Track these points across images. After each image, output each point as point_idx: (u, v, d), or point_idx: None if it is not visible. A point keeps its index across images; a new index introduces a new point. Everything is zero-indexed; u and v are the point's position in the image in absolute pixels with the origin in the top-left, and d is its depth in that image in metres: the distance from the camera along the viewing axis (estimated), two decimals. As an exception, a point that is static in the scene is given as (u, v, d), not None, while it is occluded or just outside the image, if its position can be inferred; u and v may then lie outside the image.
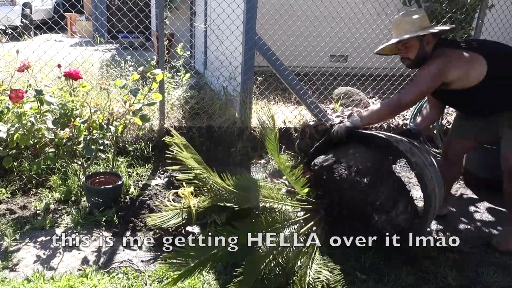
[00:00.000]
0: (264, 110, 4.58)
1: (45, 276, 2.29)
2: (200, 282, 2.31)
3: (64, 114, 2.96)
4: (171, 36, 6.45)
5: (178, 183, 3.46)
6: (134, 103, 3.05)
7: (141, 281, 2.31)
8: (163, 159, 3.78)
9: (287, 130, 4.18)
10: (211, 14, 5.19)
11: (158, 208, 2.96)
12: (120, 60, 4.96)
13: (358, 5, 5.07)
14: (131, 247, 2.61)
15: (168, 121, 4.04)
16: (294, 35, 4.87)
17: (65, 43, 6.62)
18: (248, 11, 3.74)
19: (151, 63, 3.20)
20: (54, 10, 10.10)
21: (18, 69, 3.02)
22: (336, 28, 5.04)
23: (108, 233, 2.73)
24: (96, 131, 2.99)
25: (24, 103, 2.87)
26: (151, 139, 3.86)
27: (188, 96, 4.40)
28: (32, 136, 2.84)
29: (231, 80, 4.35)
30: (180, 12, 6.36)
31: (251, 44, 3.86)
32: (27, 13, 10.03)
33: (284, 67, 4.17)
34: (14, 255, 2.46)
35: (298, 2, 5.02)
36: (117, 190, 3.04)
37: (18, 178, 3.26)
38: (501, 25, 5.31)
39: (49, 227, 2.74)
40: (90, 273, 2.32)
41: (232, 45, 4.19)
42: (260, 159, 3.99)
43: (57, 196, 3.06)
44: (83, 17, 10.11)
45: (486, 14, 4.96)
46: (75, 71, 2.94)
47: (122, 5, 8.48)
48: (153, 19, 7.70)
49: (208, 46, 6.00)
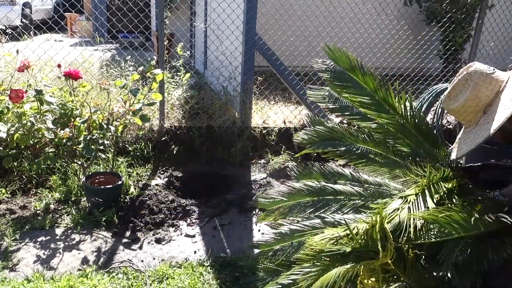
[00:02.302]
0: (264, 110, 4.59)
1: (45, 276, 2.29)
2: (200, 282, 2.31)
3: (64, 114, 2.95)
4: (171, 36, 6.44)
5: (178, 183, 3.48)
6: (134, 103, 3.05)
7: (141, 281, 2.31)
8: (163, 159, 3.79)
9: (287, 130, 4.18)
10: (211, 14, 5.19)
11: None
12: (120, 60, 4.96)
13: (358, 5, 5.07)
14: (131, 247, 2.61)
15: (168, 121, 4.04)
16: (294, 35, 4.86)
17: (65, 43, 6.62)
18: (248, 11, 3.74)
19: (151, 63, 3.19)
20: (54, 10, 10.08)
21: (18, 69, 3.02)
22: (336, 28, 5.04)
23: (108, 233, 2.73)
24: (96, 131, 2.99)
25: (24, 103, 2.87)
26: (151, 139, 3.86)
27: (188, 96, 4.40)
28: (32, 136, 2.84)
29: (231, 80, 4.35)
30: (180, 12, 6.36)
31: (251, 44, 3.86)
32: (27, 13, 10.03)
33: (284, 67, 4.17)
34: (14, 255, 2.46)
35: (298, 2, 5.02)
36: (117, 190, 3.04)
37: (18, 178, 3.26)
38: (501, 25, 5.31)
39: (49, 227, 2.74)
40: (90, 273, 2.32)
41: (232, 45, 4.19)
42: (260, 159, 3.99)
43: (57, 196, 3.06)
44: (83, 17, 10.10)
45: (486, 14, 4.96)
46: (75, 71, 2.95)
47: (122, 5, 8.47)
48: (153, 19, 7.70)
49: (208, 46, 6.00)
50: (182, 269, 2.43)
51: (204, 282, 2.32)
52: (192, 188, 3.45)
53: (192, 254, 2.60)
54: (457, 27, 5.96)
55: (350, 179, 2.09)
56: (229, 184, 3.56)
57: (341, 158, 2.15)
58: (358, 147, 2.11)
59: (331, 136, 2.18)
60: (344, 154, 2.13)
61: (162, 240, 2.71)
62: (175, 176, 3.57)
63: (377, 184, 2.04)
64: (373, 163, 2.08)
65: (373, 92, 2.03)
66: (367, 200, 1.95)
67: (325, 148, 2.16)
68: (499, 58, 5.65)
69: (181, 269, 2.43)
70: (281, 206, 2.10)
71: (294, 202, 2.07)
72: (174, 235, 2.78)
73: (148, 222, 2.86)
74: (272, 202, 2.11)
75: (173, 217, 2.96)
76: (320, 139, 2.20)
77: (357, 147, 2.11)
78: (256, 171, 3.82)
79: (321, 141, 2.19)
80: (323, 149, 2.16)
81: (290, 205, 2.07)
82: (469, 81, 1.67)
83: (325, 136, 2.19)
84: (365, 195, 1.98)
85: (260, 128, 4.14)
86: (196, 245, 2.69)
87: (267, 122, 4.33)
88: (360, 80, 2.04)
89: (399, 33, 5.23)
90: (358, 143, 2.12)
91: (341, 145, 2.15)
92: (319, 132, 2.19)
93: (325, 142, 2.18)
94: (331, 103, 2.20)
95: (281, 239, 1.93)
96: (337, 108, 2.19)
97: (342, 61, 2.07)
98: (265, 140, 4.09)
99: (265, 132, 4.12)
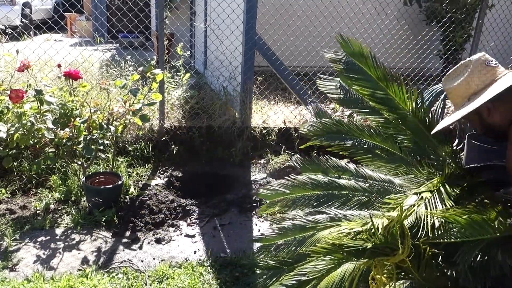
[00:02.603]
0: (264, 110, 4.59)
1: (45, 276, 2.29)
2: (200, 282, 2.31)
3: (64, 114, 2.95)
4: (171, 36, 6.44)
5: (178, 183, 3.47)
6: (134, 103, 3.05)
7: (141, 281, 2.31)
8: (163, 159, 3.78)
9: (287, 130, 4.18)
10: (211, 14, 5.19)
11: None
12: (120, 60, 4.96)
13: (358, 5, 5.07)
14: (131, 247, 2.61)
15: (168, 121, 4.04)
16: (294, 35, 4.86)
17: (65, 43, 6.61)
18: (248, 11, 3.74)
19: (151, 63, 3.19)
20: (54, 10, 10.08)
21: (18, 69, 3.02)
22: (336, 28, 5.04)
23: (108, 233, 2.73)
24: (96, 131, 2.98)
25: (24, 103, 2.87)
26: (151, 139, 3.86)
27: (188, 96, 4.40)
28: (32, 136, 2.84)
29: (231, 80, 4.35)
30: (180, 12, 6.36)
31: (251, 44, 3.86)
32: (27, 13, 10.03)
33: (284, 67, 4.17)
34: (14, 255, 2.46)
35: (298, 2, 5.02)
36: (117, 190, 3.03)
37: (18, 178, 3.26)
38: (501, 25, 5.31)
39: (49, 227, 2.74)
40: (90, 273, 2.32)
41: (232, 45, 4.19)
42: (260, 159, 3.99)
43: (57, 196, 3.06)
44: (83, 17, 10.10)
45: (486, 14, 4.95)
46: (75, 71, 2.94)
47: (122, 5, 8.47)
48: (153, 19, 7.70)
49: (208, 46, 6.00)
50: (182, 269, 2.43)
51: (204, 282, 2.32)
52: (192, 188, 3.45)
53: (192, 254, 2.60)
54: (457, 27, 5.96)
55: (354, 174, 2.06)
56: (229, 184, 3.56)
57: (346, 152, 2.12)
58: (364, 141, 2.09)
59: (337, 129, 2.14)
60: (351, 148, 2.10)
61: (162, 240, 2.71)
62: (175, 176, 3.57)
63: (382, 180, 2.01)
64: (379, 159, 2.05)
65: (384, 86, 2.00)
66: (371, 196, 1.93)
67: (331, 141, 2.12)
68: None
69: (181, 269, 2.43)
70: (284, 198, 2.06)
71: (297, 195, 2.04)
72: (174, 235, 2.78)
73: (148, 222, 2.86)
74: (275, 194, 2.08)
75: (173, 217, 2.96)
76: (326, 131, 2.16)
77: (363, 142, 2.08)
78: (256, 171, 3.82)
79: (327, 134, 2.15)
80: (329, 141, 2.12)
81: (293, 198, 2.04)
82: (468, 67, 1.71)
83: (331, 129, 2.15)
84: (370, 191, 1.95)
85: (260, 128, 4.14)
86: (196, 245, 2.69)
87: (267, 122, 4.33)
88: (372, 73, 2.01)
89: (399, 33, 5.23)
90: (365, 137, 2.09)
91: (347, 139, 2.11)
92: (325, 124, 2.16)
93: (330, 135, 2.15)
94: (342, 95, 2.16)
95: (284, 234, 1.91)
96: (347, 100, 2.16)
97: (354, 52, 2.03)
98: (265, 140, 4.09)
99: (265, 132, 4.12)
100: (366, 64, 2.03)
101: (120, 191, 3.08)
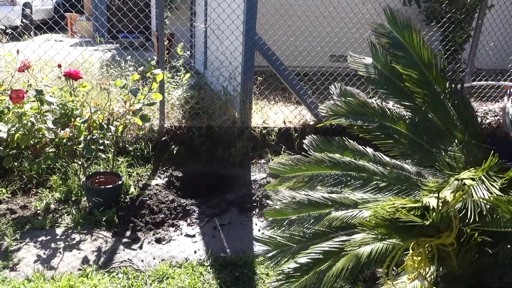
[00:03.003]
0: (264, 110, 4.59)
1: (46, 276, 2.29)
2: (200, 282, 2.32)
3: (64, 114, 2.96)
4: (171, 36, 6.45)
5: (178, 183, 3.48)
6: (134, 103, 3.05)
7: (141, 281, 2.31)
8: (163, 159, 3.79)
9: (287, 130, 4.19)
10: (211, 14, 5.19)
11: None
12: (120, 60, 4.96)
13: (358, 5, 5.07)
14: (131, 247, 2.62)
15: (168, 121, 4.05)
16: (294, 35, 4.87)
17: (65, 43, 6.62)
18: (248, 11, 3.75)
19: (151, 63, 3.20)
20: (54, 10, 10.08)
21: (19, 69, 3.02)
22: (336, 28, 5.04)
23: (108, 233, 2.74)
24: (96, 131, 2.99)
25: (25, 103, 2.88)
26: (151, 139, 3.87)
27: (188, 96, 4.40)
28: (32, 136, 2.84)
29: (231, 80, 4.35)
30: (180, 12, 6.36)
31: (251, 44, 3.86)
32: (28, 13, 10.03)
33: (284, 67, 4.18)
34: (14, 254, 2.46)
35: (298, 2, 5.02)
36: (117, 190, 3.04)
37: (18, 178, 3.26)
38: (500, 25, 5.31)
39: (49, 227, 2.75)
40: (90, 273, 2.32)
41: (232, 45, 4.19)
42: (260, 159, 4.00)
43: (57, 196, 3.07)
44: (83, 17, 10.10)
45: (486, 14, 4.96)
46: (75, 71, 2.95)
47: (122, 5, 8.48)
48: (153, 19, 7.69)
49: (208, 46, 6.00)
50: (182, 268, 2.43)
51: (204, 282, 2.32)
52: (192, 188, 3.45)
53: (192, 254, 2.61)
54: (457, 27, 5.96)
55: (372, 159, 1.99)
56: (229, 184, 3.56)
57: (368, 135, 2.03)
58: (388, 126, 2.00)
59: (361, 110, 2.05)
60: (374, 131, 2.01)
61: (162, 240, 2.72)
62: (175, 176, 3.57)
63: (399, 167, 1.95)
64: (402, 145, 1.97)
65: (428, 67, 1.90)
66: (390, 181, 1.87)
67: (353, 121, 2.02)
68: (498, 58, 5.66)
69: (181, 268, 2.43)
70: (299, 174, 1.96)
71: (314, 173, 1.95)
72: (174, 235, 2.79)
73: (148, 222, 2.86)
74: (290, 169, 1.98)
75: (173, 217, 2.96)
76: (349, 111, 2.06)
77: (387, 126, 2.00)
78: (256, 171, 3.82)
79: (349, 114, 2.06)
80: (351, 121, 2.03)
81: (309, 174, 1.96)
82: None
83: (355, 110, 2.06)
84: (389, 176, 1.89)
85: (260, 128, 4.14)
86: (196, 245, 2.70)
87: (267, 122, 4.33)
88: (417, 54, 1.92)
89: (399, 33, 5.23)
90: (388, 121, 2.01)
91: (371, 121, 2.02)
92: (350, 104, 2.06)
93: (353, 116, 2.06)
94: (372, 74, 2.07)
95: (298, 209, 1.83)
96: (377, 81, 2.07)
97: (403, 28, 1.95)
98: (265, 140, 4.09)
99: (265, 132, 4.12)
100: (412, 44, 1.94)
101: (120, 191, 3.08)
